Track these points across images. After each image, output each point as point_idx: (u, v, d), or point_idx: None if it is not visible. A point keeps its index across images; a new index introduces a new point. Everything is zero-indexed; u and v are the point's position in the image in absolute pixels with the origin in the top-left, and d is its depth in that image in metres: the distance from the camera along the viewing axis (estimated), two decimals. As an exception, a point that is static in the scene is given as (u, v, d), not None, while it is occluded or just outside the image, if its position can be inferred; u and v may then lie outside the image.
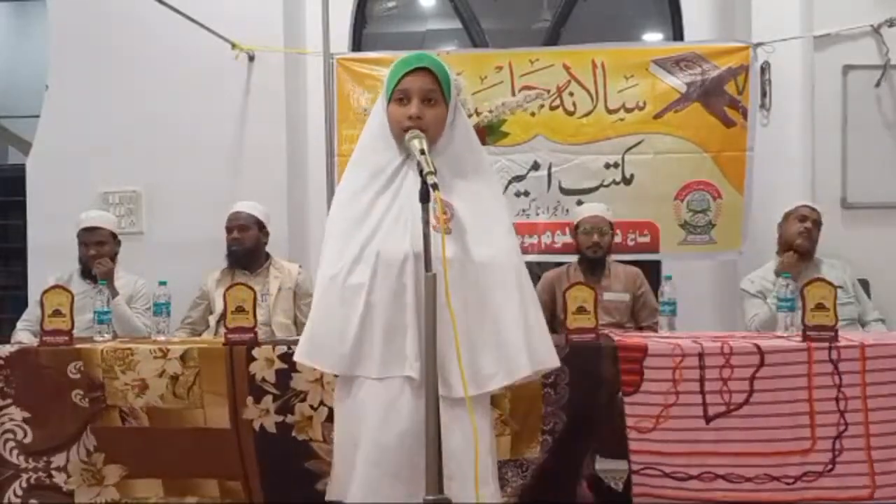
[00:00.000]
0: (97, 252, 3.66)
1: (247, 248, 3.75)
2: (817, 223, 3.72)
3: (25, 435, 2.77)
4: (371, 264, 1.77)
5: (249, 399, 2.72)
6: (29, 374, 2.78)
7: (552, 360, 1.86)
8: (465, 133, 1.91)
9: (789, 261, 3.61)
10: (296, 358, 1.92)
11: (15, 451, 2.77)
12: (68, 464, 2.77)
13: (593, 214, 3.83)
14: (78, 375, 2.77)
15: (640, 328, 3.70)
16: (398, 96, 1.84)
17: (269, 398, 2.72)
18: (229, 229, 3.76)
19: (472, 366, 1.71)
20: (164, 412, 2.75)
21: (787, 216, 3.77)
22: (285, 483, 2.73)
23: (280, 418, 2.72)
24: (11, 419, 2.77)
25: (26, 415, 2.77)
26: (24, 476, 2.77)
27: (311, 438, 2.71)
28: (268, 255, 3.84)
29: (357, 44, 5.00)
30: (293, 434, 2.71)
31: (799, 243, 3.65)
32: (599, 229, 3.77)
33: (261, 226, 3.81)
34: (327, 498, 1.92)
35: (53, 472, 2.77)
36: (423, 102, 1.82)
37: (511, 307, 1.80)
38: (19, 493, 2.76)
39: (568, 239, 4.12)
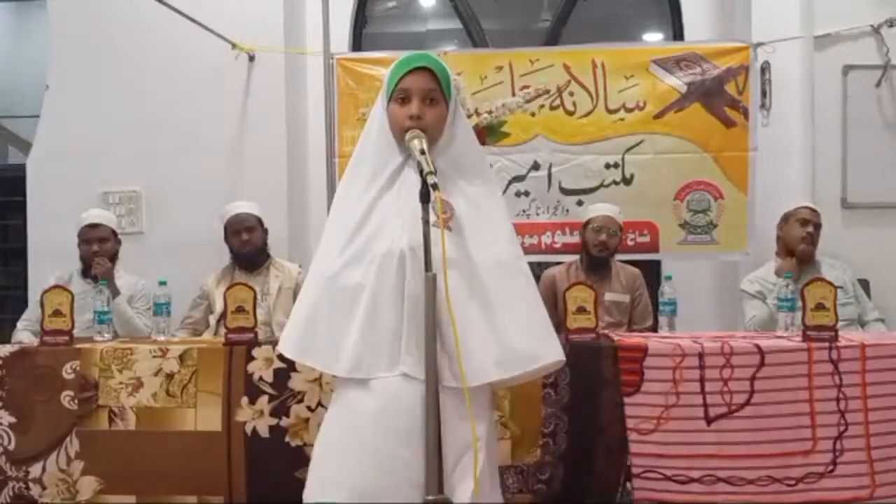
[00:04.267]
0: (99, 248, 3.65)
1: (257, 248, 3.76)
2: (818, 226, 3.69)
3: (10, 441, 2.75)
4: (370, 264, 1.77)
5: (244, 399, 2.71)
6: (24, 376, 2.77)
7: (556, 354, 1.84)
8: (465, 133, 1.91)
9: (789, 266, 3.59)
10: (288, 354, 1.88)
11: (3, 458, 2.75)
12: (44, 474, 2.73)
13: (605, 214, 3.81)
14: (72, 375, 2.75)
15: (632, 330, 3.67)
16: (399, 96, 1.84)
17: (264, 398, 2.70)
18: (237, 232, 3.74)
19: (469, 360, 1.70)
20: (154, 413, 2.72)
21: (787, 217, 3.74)
22: (272, 494, 2.66)
23: (274, 421, 2.69)
24: (1, 423, 2.76)
25: (12, 420, 2.75)
26: (10, 484, 2.75)
27: (306, 443, 2.67)
28: (268, 255, 3.84)
29: (357, 44, 5.00)
30: (286, 440, 2.68)
31: (802, 248, 3.62)
32: (609, 230, 3.76)
33: (261, 224, 3.82)
34: (305, 500, 1.86)
35: (30, 484, 2.74)
36: (423, 102, 1.82)
37: (510, 305, 1.79)
38: (8, 498, 2.74)
39: (568, 239, 4.12)
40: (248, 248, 3.74)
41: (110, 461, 2.73)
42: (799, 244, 3.63)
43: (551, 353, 1.84)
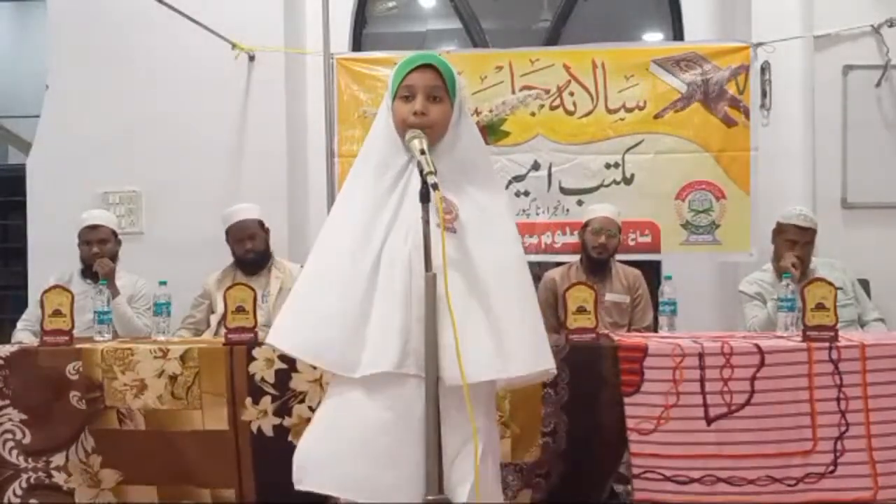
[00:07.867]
0: (100, 250, 3.65)
1: (260, 254, 3.77)
2: (809, 243, 3.57)
3: (24, 435, 2.77)
4: (373, 264, 1.77)
5: (248, 400, 2.72)
6: (27, 375, 2.78)
7: (548, 363, 1.84)
8: (470, 134, 1.90)
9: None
10: (297, 355, 1.89)
11: (14, 451, 2.77)
12: (68, 463, 2.77)
13: (603, 216, 3.79)
14: (76, 376, 2.76)
15: (632, 330, 3.67)
16: (403, 93, 1.84)
17: (267, 399, 2.72)
18: (240, 240, 3.75)
19: (469, 358, 1.69)
20: (161, 414, 2.74)
21: (778, 230, 3.63)
22: (280, 491, 2.68)
23: (278, 420, 2.71)
24: (10, 419, 2.77)
25: (24, 416, 2.77)
26: (24, 476, 2.77)
27: None
28: (270, 256, 3.84)
29: (357, 44, 5.00)
30: (290, 439, 2.69)
31: (793, 274, 3.37)
32: (608, 231, 3.74)
33: (262, 226, 3.82)
34: (295, 481, 1.88)
35: (53, 472, 2.77)
36: (428, 99, 1.82)
37: (511, 308, 1.79)
38: (19, 492, 2.76)
39: (568, 239, 4.11)
40: (251, 255, 3.75)
41: (126, 458, 2.77)
42: (790, 269, 3.42)
43: (544, 360, 1.83)
